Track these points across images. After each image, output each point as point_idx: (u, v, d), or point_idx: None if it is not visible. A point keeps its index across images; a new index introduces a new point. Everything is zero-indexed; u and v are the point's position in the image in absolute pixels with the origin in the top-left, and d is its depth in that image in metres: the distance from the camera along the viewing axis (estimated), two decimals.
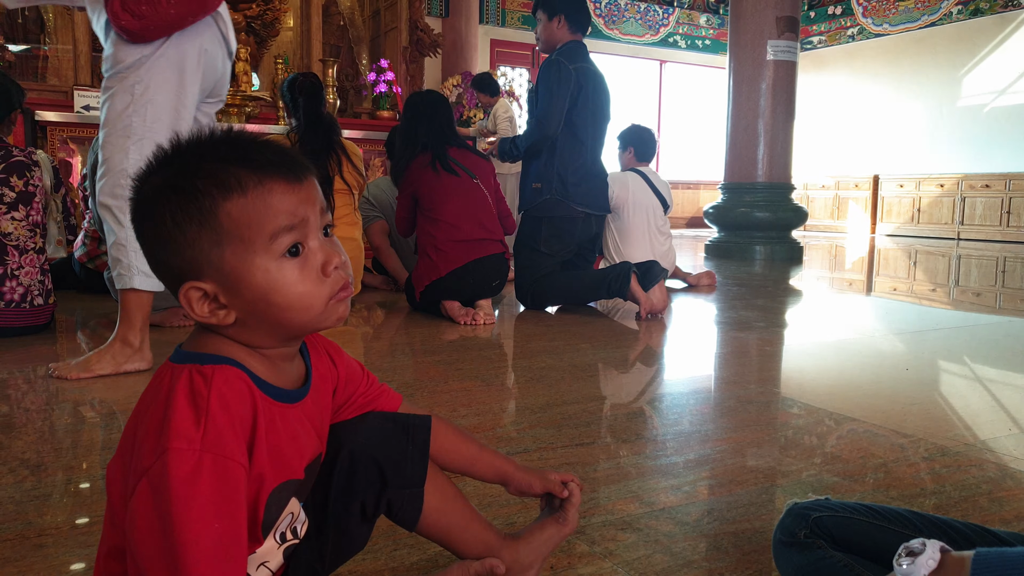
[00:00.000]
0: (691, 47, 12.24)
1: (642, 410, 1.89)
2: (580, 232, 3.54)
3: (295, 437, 0.77)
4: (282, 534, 0.79)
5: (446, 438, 0.96)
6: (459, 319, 3.04)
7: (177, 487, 0.63)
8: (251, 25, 6.91)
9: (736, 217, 6.60)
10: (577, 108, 3.43)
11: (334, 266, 0.73)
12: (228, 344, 0.74)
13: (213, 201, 0.69)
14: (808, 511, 0.94)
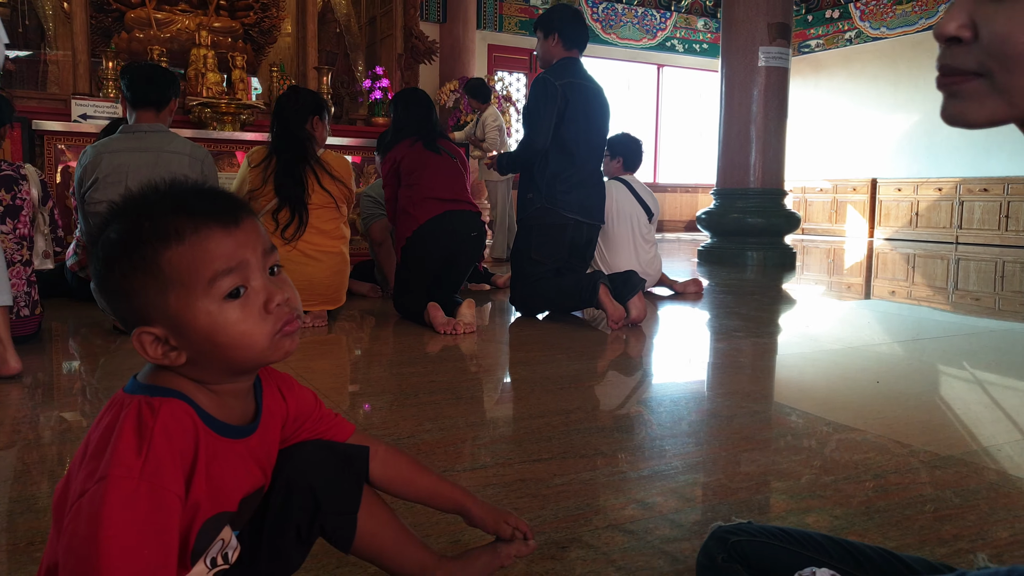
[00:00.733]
0: (688, 51, 12.26)
1: (608, 425, 1.92)
2: (571, 239, 3.59)
3: (236, 471, 0.81)
4: (212, 559, 0.82)
5: (400, 470, 0.99)
6: (440, 328, 3.08)
7: (110, 512, 0.66)
8: (248, 32, 6.96)
9: (729, 223, 6.63)
10: (565, 122, 3.50)
11: (276, 303, 0.77)
12: (179, 379, 0.78)
13: (154, 251, 0.73)
14: (728, 535, 0.98)
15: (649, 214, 4.27)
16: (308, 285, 3.17)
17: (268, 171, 3.17)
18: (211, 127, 5.38)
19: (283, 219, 3.15)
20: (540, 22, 3.67)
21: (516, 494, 1.44)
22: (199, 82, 5.96)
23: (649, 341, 3.10)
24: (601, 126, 3.68)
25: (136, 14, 6.34)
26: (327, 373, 2.50)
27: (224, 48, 6.44)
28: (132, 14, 6.35)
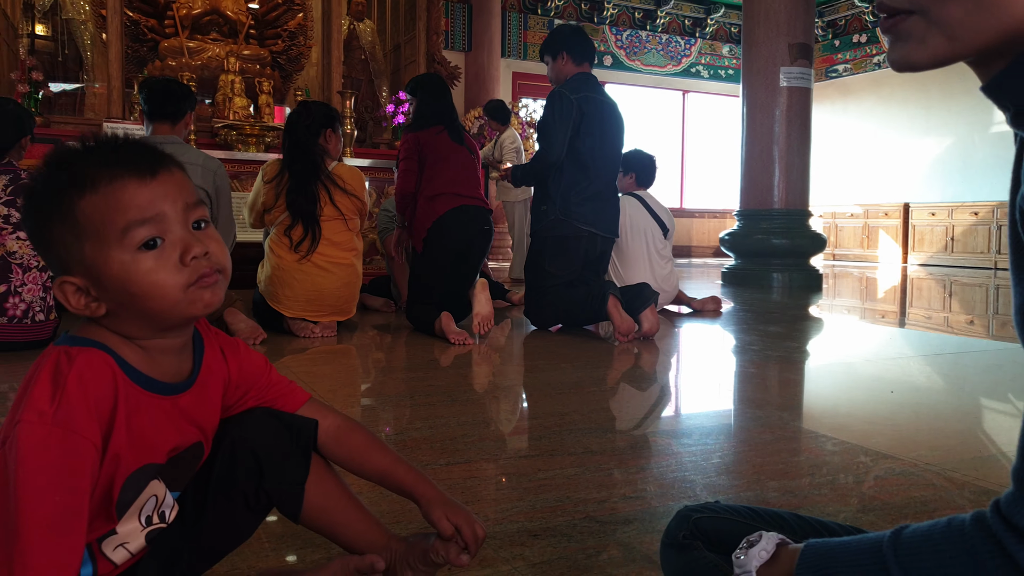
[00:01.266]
0: (714, 77, 12.27)
1: (602, 426, 1.89)
2: (584, 251, 3.58)
3: (162, 426, 0.80)
4: (148, 517, 0.81)
5: (355, 446, 0.97)
6: (452, 338, 3.07)
7: (23, 456, 0.66)
8: (276, 60, 7.12)
9: (752, 244, 6.56)
10: (580, 135, 3.51)
11: (192, 255, 0.76)
12: (105, 333, 0.78)
13: (70, 200, 0.74)
14: (691, 512, 0.94)
15: (664, 230, 4.23)
16: (318, 296, 3.18)
17: (281, 187, 3.20)
18: (237, 148, 5.48)
19: (296, 236, 3.17)
20: (544, 47, 3.74)
21: (495, 486, 1.41)
22: (227, 106, 6.09)
23: (661, 354, 3.06)
24: (616, 140, 3.68)
25: (169, 43, 6.52)
26: (328, 377, 2.49)
27: (252, 74, 6.59)
28: (166, 43, 6.53)
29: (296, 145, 3.21)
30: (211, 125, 5.87)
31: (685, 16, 12.04)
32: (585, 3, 11.26)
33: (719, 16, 12.03)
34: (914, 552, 0.59)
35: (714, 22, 12.13)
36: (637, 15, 11.71)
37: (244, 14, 6.86)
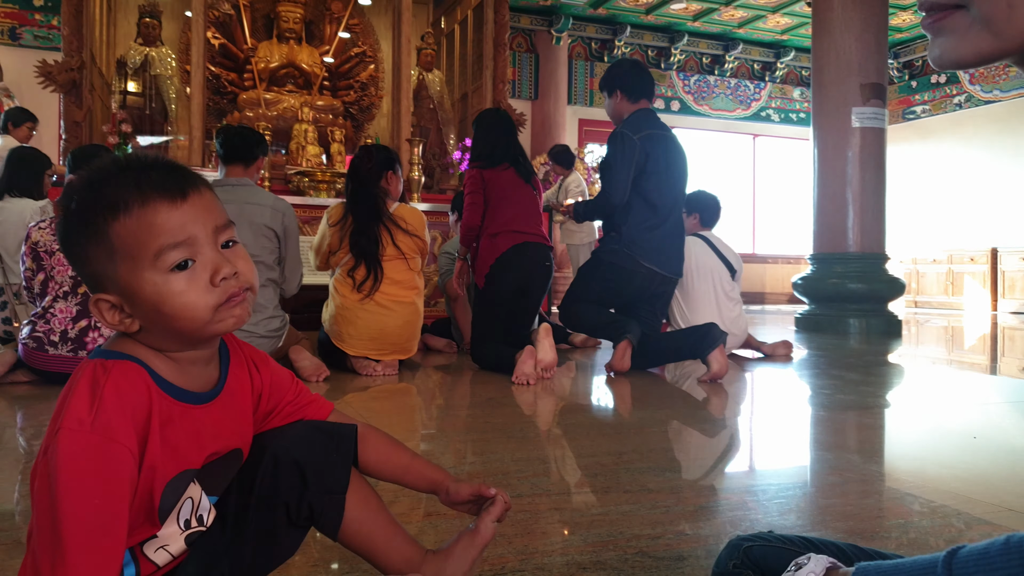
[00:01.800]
0: (785, 120, 12.11)
1: (661, 466, 1.82)
2: (638, 286, 3.54)
3: (196, 434, 0.81)
4: (186, 520, 0.82)
5: (377, 447, 0.99)
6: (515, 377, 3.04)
7: (64, 463, 0.68)
8: (348, 110, 7.38)
9: (827, 288, 6.35)
10: (646, 175, 3.48)
11: (222, 276, 0.78)
12: (137, 346, 0.81)
13: (104, 221, 0.76)
14: (742, 542, 0.89)
15: (732, 271, 4.13)
16: (380, 335, 3.21)
17: (345, 229, 3.27)
18: (308, 194, 5.65)
19: (359, 276, 3.23)
20: (602, 82, 3.73)
21: (545, 520, 1.36)
22: (300, 154, 6.31)
23: (727, 397, 2.96)
24: (680, 176, 3.63)
25: (248, 95, 6.83)
26: (387, 413, 2.49)
27: (325, 124, 6.83)
28: (244, 95, 6.85)
29: (359, 188, 3.29)
30: (284, 172, 6.08)
31: (754, 60, 11.98)
32: (652, 49, 11.33)
33: (789, 60, 11.92)
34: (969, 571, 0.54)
35: (784, 66, 12.03)
36: (705, 60, 11.71)
37: (319, 67, 7.15)
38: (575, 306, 3.59)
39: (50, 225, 2.91)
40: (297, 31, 7.10)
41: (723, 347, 3.25)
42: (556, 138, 9.56)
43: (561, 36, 10.38)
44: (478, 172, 3.58)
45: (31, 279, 2.91)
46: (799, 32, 11.13)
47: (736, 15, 10.55)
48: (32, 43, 8.29)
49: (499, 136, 3.68)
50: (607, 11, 10.35)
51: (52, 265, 2.87)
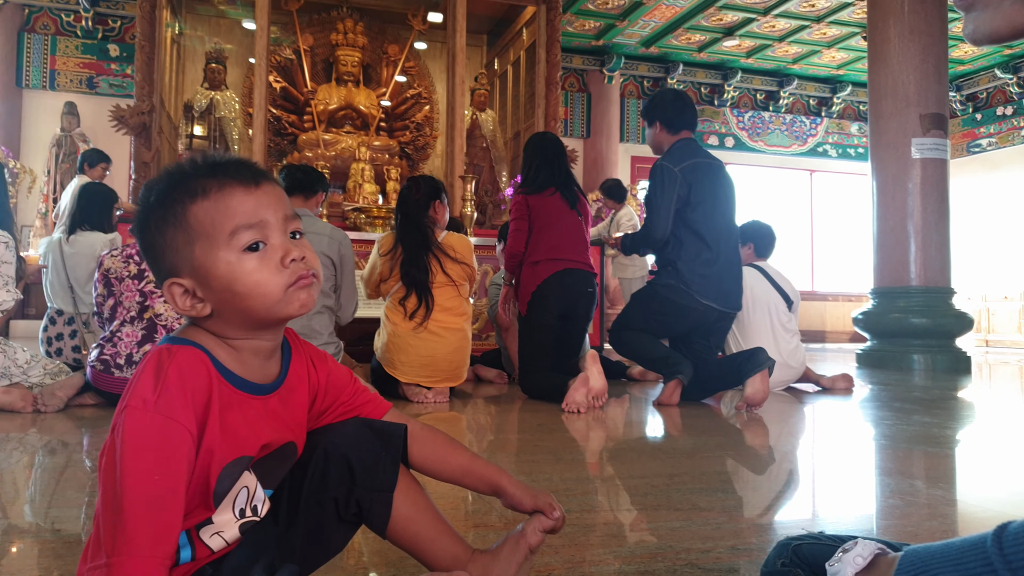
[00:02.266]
0: (843, 156, 11.93)
1: (714, 487, 1.78)
2: (694, 321, 3.45)
3: (253, 423, 0.84)
4: (241, 509, 0.85)
5: (434, 447, 1.00)
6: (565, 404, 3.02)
7: (127, 439, 0.72)
8: (404, 149, 7.55)
9: (889, 324, 6.17)
10: (691, 206, 3.40)
11: (291, 258, 0.82)
12: (203, 334, 0.85)
13: (183, 206, 0.82)
14: (792, 541, 0.86)
15: (788, 302, 4.05)
16: (431, 361, 3.24)
17: (395, 259, 3.33)
18: (364, 230, 5.78)
19: (410, 305, 3.28)
20: (643, 111, 3.66)
21: (594, 533, 1.35)
22: (357, 192, 6.47)
23: (783, 425, 2.88)
24: (729, 205, 3.54)
25: (307, 136, 7.05)
26: None
27: (381, 163, 6.99)
28: (304, 136, 7.07)
29: (408, 218, 3.35)
30: (342, 209, 6.24)
31: (809, 96, 11.88)
32: (705, 87, 11.34)
33: (846, 94, 11.78)
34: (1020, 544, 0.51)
35: (840, 100, 11.89)
36: (759, 96, 11.66)
37: (376, 108, 7.35)
38: (626, 333, 3.51)
39: (121, 253, 3.03)
40: (355, 74, 7.33)
41: (766, 374, 3.17)
42: (608, 175, 9.59)
43: (613, 75, 10.48)
44: (523, 198, 3.59)
45: (102, 304, 3.03)
46: (855, 67, 11.02)
47: (790, 51, 10.51)
48: (107, 91, 8.73)
49: (543, 160, 3.66)
50: (659, 50, 10.42)
51: (121, 291, 2.98)
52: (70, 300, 3.97)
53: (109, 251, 3.08)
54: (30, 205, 8.12)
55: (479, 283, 5.46)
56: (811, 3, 8.97)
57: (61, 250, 3.99)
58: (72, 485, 1.70)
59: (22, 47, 8.57)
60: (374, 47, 7.63)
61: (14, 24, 8.54)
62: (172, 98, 6.70)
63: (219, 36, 7.39)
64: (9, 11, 8.50)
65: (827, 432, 2.79)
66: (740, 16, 9.36)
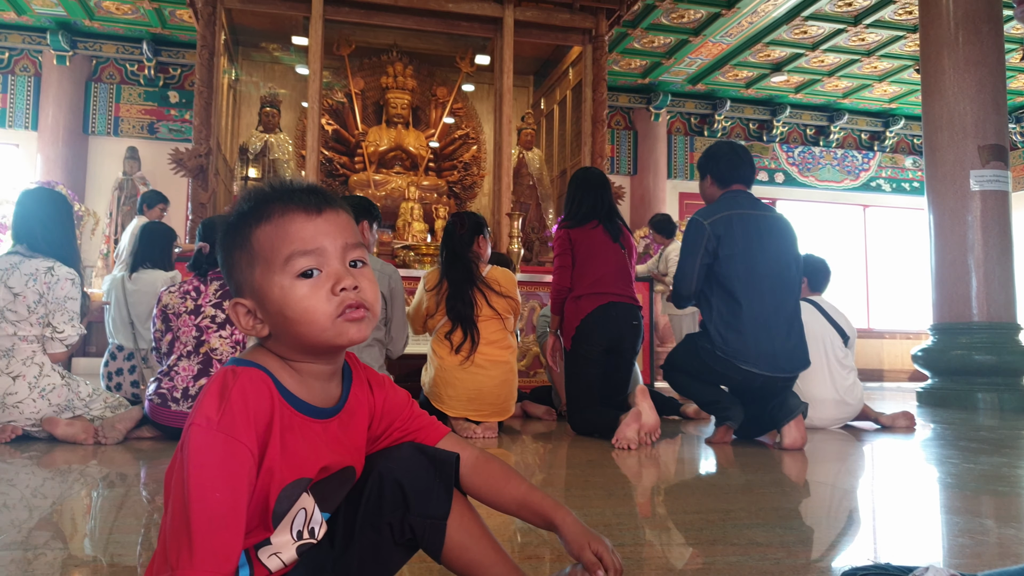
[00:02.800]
0: (897, 190, 11.70)
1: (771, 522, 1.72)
2: (738, 384, 3.23)
3: (313, 445, 0.85)
4: (298, 531, 0.85)
5: (489, 477, 0.99)
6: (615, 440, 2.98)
7: (192, 456, 0.74)
8: (452, 189, 7.65)
9: (951, 361, 5.96)
10: (720, 260, 3.17)
11: (342, 287, 0.83)
12: (266, 356, 0.87)
13: (250, 229, 0.85)
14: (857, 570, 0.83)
15: (844, 337, 3.95)
16: (478, 395, 3.23)
17: (441, 294, 3.35)
18: (413, 267, 5.84)
19: (456, 339, 3.30)
20: (698, 164, 3.51)
21: (649, 567, 1.31)
22: (406, 230, 6.56)
23: (842, 463, 2.79)
24: (777, 256, 3.22)
25: (358, 177, 7.20)
26: None
27: (430, 202, 7.09)
28: (355, 177, 7.22)
29: (453, 253, 3.38)
30: (392, 248, 6.32)
31: (861, 130, 11.72)
32: (753, 123, 11.29)
33: (899, 128, 11.60)
34: None
35: (893, 134, 11.70)
36: (809, 132, 11.54)
37: (425, 149, 7.48)
38: (676, 374, 3.39)
39: (179, 289, 3.12)
40: (405, 116, 7.48)
41: (800, 420, 3.07)
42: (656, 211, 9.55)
43: (659, 112, 10.50)
44: (565, 232, 3.57)
45: (160, 339, 3.11)
46: (908, 100, 10.85)
47: (840, 85, 10.41)
48: (167, 136, 9.07)
49: (586, 193, 3.62)
50: (706, 86, 10.43)
51: (179, 326, 3.06)
52: (131, 336, 4.08)
53: (167, 287, 3.16)
54: (93, 246, 8.42)
55: (526, 319, 5.45)
56: (861, 37, 8.90)
57: (123, 287, 4.12)
58: (130, 517, 1.73)
59: (89, 96, 8.98)
60: (423, 89, 7.79)
61: (82, 74, 8.96)
62: (228, 141, 6.92)
63: (273, 81, 7.64)
64: (78, 62, 8.93)
65: (888, 470, 2.69)
66: (788, 52, 9.32)
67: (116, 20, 8.48)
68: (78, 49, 8.88)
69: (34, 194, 3.20)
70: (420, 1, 6.21)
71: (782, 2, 7.92)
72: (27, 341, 2.99)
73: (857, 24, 8.52)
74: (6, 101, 8.85)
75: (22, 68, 8.94)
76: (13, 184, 8.34)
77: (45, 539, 1.50)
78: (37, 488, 2.11)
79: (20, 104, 8.86)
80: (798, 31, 8.76)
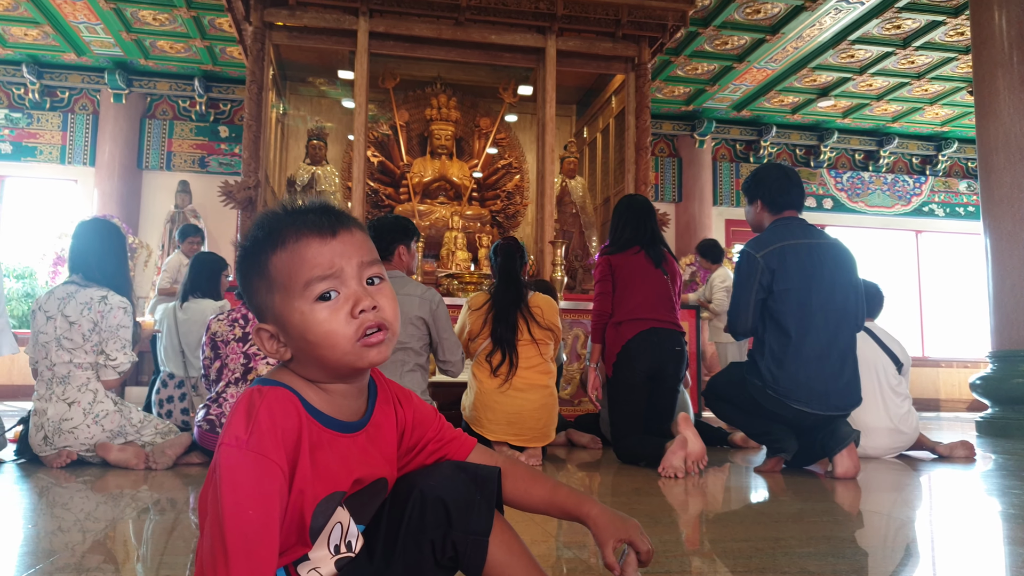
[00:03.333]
0: (951, 215, 11.41)
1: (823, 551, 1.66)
2: (787, 422, 3.10)
3: (344, 459, 0.86)
4: (336, 546, 0.86)
5: (516, 480, 1.00)
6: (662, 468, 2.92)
7: (224, 475, 0.75)
8: (495, 218, 7.69)
9: (1012, 389, 5.75)
10: (774, 295, 3.05)
11: (360, 309, 0.84)
12: (291, 376, 0.88)
13: (266, 256, 0.86)
14: None
15: (898, 364, 3.84)
16: (518, 419, 3.22)
17: (487, 317, 3.37)
18: (457, 295, 5.87)
19: (495, 361, 3.31)
20: (744, 187, 3.39)
21: None
22: (450, 259, 6.60)
23: (898, 493, 2.69)
24: (830, 287, 3.07)
25: (403, 207, 7.29)
26: None
27: (473, 231, 7.14)
28: (400, 207, 7.31)
29: (508, 276, 3.39)
30: (436, 277, 6.37)
31: (912, 154, 11.49)
32: (800, 148, 11.15)
33: (952, 152, 11.34)
34: None
35: (946, 158, 11.45)
36: (858, 156, 11.36)
37: (468, 179, 7.56)
38: (721, 404, 3.29)
39: (227, 317, 3.17)
40: (448, 147, 7.57)
41: (853, 448, 2.96)
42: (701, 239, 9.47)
43: (704, 139, 10.45)
44: (606, 259, 3.55)
45: (209, 366, 3.16)
46: (961, 123, 10.62)
47: (889, 109, 10.24)
48: (217, 169, 9.32)
49: (628, 219, 3.59)
50: (751, 112, 10.35)
51: (227, 354, 3.11)
52: (181, 364, 4.16)
53: (216, 315, 3.22)
54: (145, 277, 8.65)
55: (570, 346, 5.42)
56: (910, 60, 8.76)
57: (175, 317, 4.21)
58: (180, 541, 1.74)
59: (143, 132, 9.29)
60: (466, 120, 7.88)
61: (137, 112, 9.29)
62: (276, 174, 7.08)
63: (320, 115, 7.81)
64: (134, 100, 9.26)
65: (947, 501, 2.59)
66: (835, 76, 9.22)
67: (170, 58, 8.79)
68: (133, 87, 9.21)
69: (89, 225, 3.31)
70: (463, 33, 6.31)
71: (828, 27, 7.85)
72: (82, 368, 3.07)
73: (906, 47, 8.39)
74: (66, 139, 9.20)
75: (81, 107, 9.30)
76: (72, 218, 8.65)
77: (98, 562, 1.53)
78: (91, 512, 2.15)
79: (79, 141, 9.21)
80: (845, 55, 8.66)
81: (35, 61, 8.87)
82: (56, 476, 2.79)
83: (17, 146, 9.11)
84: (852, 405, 3.12)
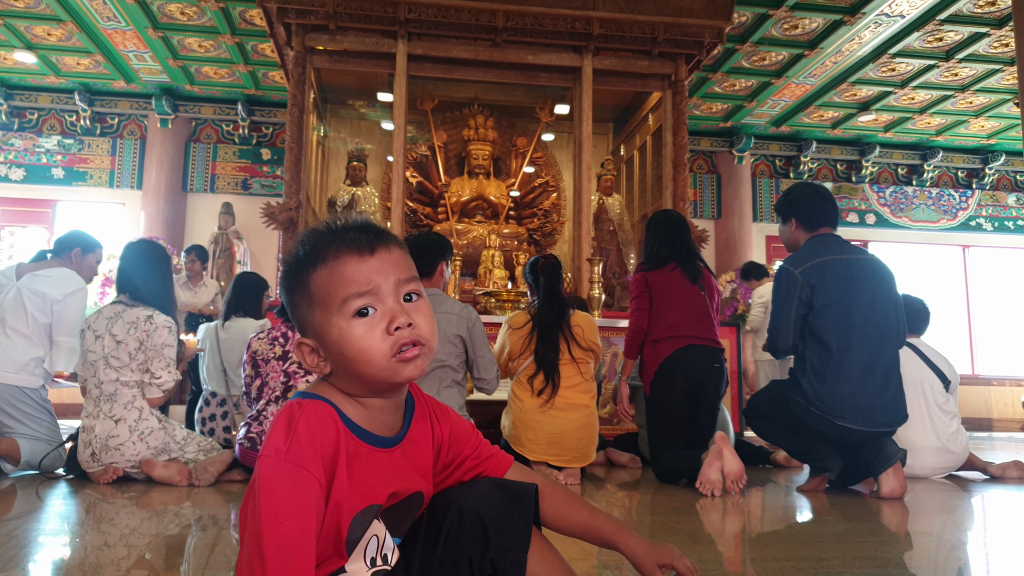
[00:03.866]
0: (1000, 229, 11.12)
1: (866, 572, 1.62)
2: (831, 440, 3.03)
3: (380, 473, 0.87)
4: (372, 558, 0.86)
5: (553, 503, 1.00)
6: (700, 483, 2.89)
7: (262, 485, 0.77)
8: (532, 236, 7.71)
9: None
10: (814, 310, 3.01)
11: (396, 326, 0.85)
12: (331, 390, 0.89)
13: (308, 273, 0.88)
14: None
15: (945, 382, 3.74)
16: (559, 439, 3.20)
17: (530, 337, 3.35)
18: (494, 313, 5.88)
19: (538, 384, 3.29)
20: (777, 207, 3.38)
21: None
22: (487, 278, 6.63)
23: (946, 514, 2.61)
24: (870, 303, 3.02)
25: (442, 227, 7.35)
26: None
27: (510, 249, 7.17)
28: (438, 227, 7.37)
29: (554, 295, 3.39)
30: (473, 295, 6.40)
31: (957, 168, 11.25)
32: (841, 163, 10.99)
33: (999, 164, 11.07)
34: None
35: (993, 171, 11.18)
36: (900, 171, 11.15)
37: (505, 198, 7.59)
38: (762, 422, 3.23)
39: (268, 336, 3.22)
40: (486, 167, 7.62)
41: (899, 468, 2.88)
42: (742, 256, 9.37)
43: (743, 155, 10.36)
44: (641, 276, 3.52)
45: (250, 384, 3.21)
46: (1008, 135, 10.37)
47: (933, 123, 10.05)
48: (259, 191, 9.50)
49: (663, 236, 3.56)
50: (790, 128, 10.24)
51: (267, 372, 3.15)
52: (223, 383, 4.23)
53: (256, 334, 3.28)
54: None
55: (608, 364, 5.39)
56: (954, 72, 8.60)
57: (217, 336, 4.29)
58: (221, 556, 1.77)
59: (188, 155, 9.53)
60: (503, 140, 7.93)
61: (183, 136, 9.54)
62: (317, 195, 7.19)
63: (360, 137, 7.93)
64: (179, 124, 9.51)
65: (1001, 523, 2.51)
66: (876, 90, 9.08)
67: (214, 84, 9.01)
68: (179, 112, 9.46)
69: (135, 247, 3.40)
70: (500, 54, 6.36)
71: (868, 40, 7.75)
72: (128, 386, 3.14)
73: (949, 59, 8.24)
74: (114, 163, 9.47)
75: (129, 132, 9.57)
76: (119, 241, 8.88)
77: None
78: (135, 527, 2.19)
79: (127, 165, 9.47)
80: (886, 69, 8.54)
81: (87, 89, 9.17)
82: (103, 492, 2.85)
83: (69, 171, 9.40)
84: (898, 421, 3.04)
